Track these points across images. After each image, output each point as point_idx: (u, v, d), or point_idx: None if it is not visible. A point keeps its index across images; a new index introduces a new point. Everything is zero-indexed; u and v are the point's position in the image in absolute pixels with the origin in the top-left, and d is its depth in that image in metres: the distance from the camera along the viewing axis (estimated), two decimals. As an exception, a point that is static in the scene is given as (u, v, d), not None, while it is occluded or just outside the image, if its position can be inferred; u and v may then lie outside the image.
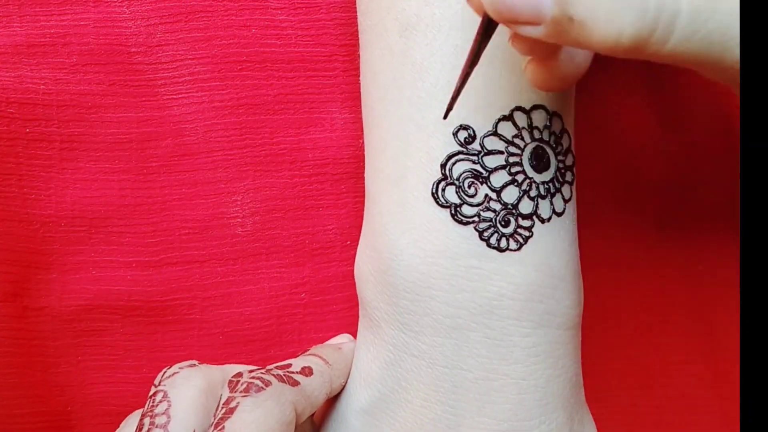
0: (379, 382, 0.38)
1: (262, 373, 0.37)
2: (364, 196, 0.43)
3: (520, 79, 0.35)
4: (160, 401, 0.36)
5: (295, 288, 0.44)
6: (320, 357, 0.40)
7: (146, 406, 0.36)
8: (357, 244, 0.42)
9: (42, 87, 0.42)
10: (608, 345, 0.47)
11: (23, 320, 0.43)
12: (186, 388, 0.36)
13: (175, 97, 0.43)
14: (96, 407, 0.44)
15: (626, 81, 0.45)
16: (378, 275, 0.37)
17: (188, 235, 0.43)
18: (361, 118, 0.42)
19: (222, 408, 0.35)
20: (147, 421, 0.35)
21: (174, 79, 0.43)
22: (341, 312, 0.44)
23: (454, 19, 0.34)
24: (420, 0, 0.35)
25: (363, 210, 0.42)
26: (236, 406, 0.34)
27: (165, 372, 0.37)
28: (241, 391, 0.35)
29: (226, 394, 0.36)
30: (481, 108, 0.35)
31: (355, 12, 0.42)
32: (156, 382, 0.37)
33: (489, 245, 0.34)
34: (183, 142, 0.43)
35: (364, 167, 0.43)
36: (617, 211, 0.46)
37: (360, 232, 0.41)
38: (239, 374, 0.37)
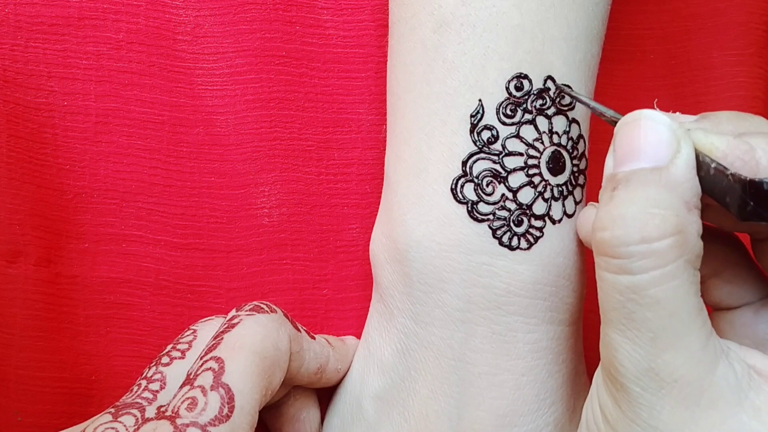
0: (391, 369, 0.41)
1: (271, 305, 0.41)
2: (388, 197, 0.46)
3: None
4: (188, 335, 0.40)
5: (317, 283, 0.47)
6: (325, 339, 0.44)
7: (175, 339, 0.41)
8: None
9: (84, 62, 0.46)
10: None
11: (55, 286, 0.46)
12: (214, 328, 0.40)
13: (209, 88, 0.47)
14: (119, 380, 0.47)
15: (646, 87, 0.49)
16: (394, 264, 0.41)
17: (216, 224, 0.47)
18: (386, 121, 0.46)
19: (225, 324, 0.39)
20: (170, 346, 0.40)
21: (212, 71, 0.47)
22: (363, 311, 0.47)
23: (489, 21, 0.38)
24: None
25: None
26: (238, 322, 0.38)
27: (200, 321, 0.42)
28: (246, 311, 0.39)
29: (232, 313, 0.40)
30: None
31: (396, 13, 0.47)
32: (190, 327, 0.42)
33: (501, 243, 0.38)
34: (214, 132, 0.47)
35: (388, 170, 0.47)
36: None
37: None
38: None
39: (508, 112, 0.38)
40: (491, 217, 0.38)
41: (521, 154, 0.38)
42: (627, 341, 0.31)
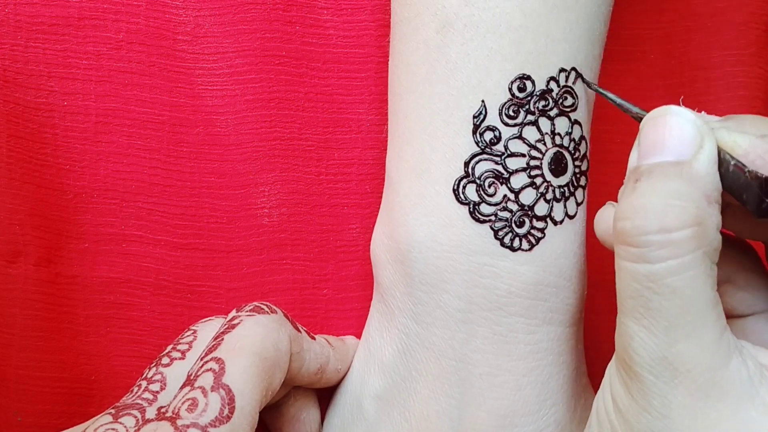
0: (392, 369, 0.42)
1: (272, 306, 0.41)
2: (388, 197, 0.47)
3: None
4: (188, 335, 0.41)
5: (317, 283, 0.48)
6: (325, 339, 0.44)
7: (175, 340, 0.41)
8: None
9: (84, 62, 0.46)
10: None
11: (55, 286, 0.47)
12: (214, 329, 0.40)
13: (209, 88, 0.47)
14: (119, 380, 0.47)
15: (646, 87, 0.49)
16: (395, 264, 0.41)
17: (216, 224, 0.47)
18: (386, 121, 0.46)
19: (225, 325, 0.39)
20: (170, 347, 0.40)
21: (212, 71, 0.47)
22: (363, 311, 0.47)
23: (492, 22, 0.38)
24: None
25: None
26: (238, 323, 0.39)
27: (200, 321, 0.42)
28: (247, 311, 0.40)
29: (232, 314, 0.40)
30: None
31: (396, 12, 0.47)
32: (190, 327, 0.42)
33: (503, 244, 0.39)
34: (214, 132, 0.47)
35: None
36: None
37: None
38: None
39: (511, 113, 0.39)
40: (493, 218, 0.39)
41: (523, 155, 0.39)
42: (642, 329, 0.32)
